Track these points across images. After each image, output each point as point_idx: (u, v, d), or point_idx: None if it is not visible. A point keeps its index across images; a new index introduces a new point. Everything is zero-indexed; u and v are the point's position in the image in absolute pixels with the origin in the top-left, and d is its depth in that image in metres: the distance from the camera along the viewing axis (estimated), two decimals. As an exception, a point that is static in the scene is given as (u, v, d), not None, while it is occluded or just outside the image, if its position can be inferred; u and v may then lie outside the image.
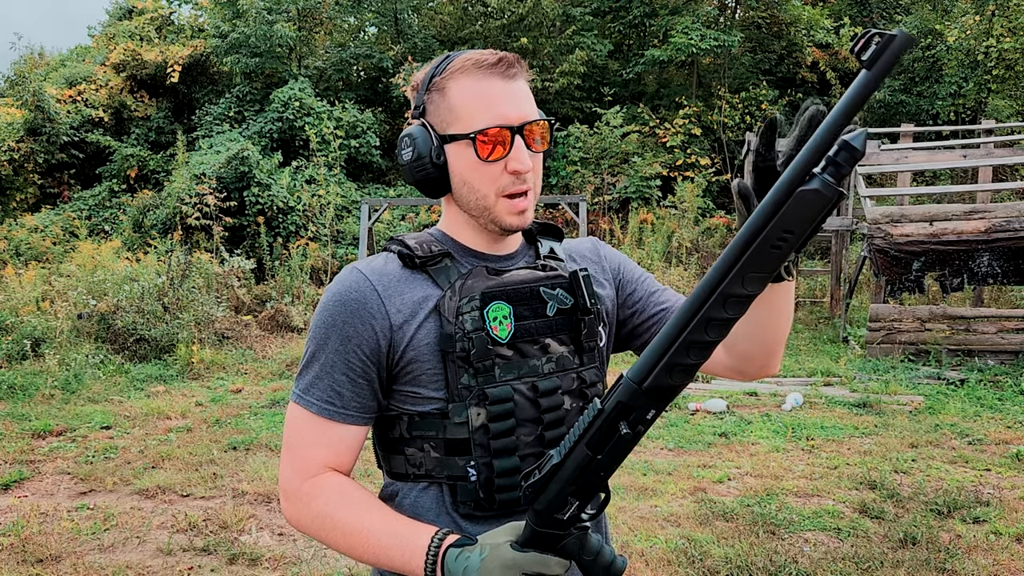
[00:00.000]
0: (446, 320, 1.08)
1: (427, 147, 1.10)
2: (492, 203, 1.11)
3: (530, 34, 16.50)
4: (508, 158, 1.08)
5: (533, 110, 1.11)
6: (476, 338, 1.07)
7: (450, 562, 0.97)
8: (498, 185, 1.09)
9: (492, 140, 1.07)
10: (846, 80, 17.18)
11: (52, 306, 8.79)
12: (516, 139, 1.08)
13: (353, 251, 12.54)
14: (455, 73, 1.09)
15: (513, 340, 1.10)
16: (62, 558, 3.70)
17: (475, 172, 1.09)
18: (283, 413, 6.41)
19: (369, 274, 1.11)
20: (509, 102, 1.08)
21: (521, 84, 1.10)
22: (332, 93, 16.55)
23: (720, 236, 14.01)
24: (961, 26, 14.41)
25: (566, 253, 1.25)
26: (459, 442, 1.08)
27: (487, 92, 1.08)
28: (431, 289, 1.11)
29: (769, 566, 3.48)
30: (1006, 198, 10.68)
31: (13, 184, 14.86)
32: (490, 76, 1.08)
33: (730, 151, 16.03)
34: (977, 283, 8.16)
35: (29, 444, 5.57)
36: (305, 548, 3.83)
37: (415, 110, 1.14)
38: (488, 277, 1.11)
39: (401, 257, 1.13)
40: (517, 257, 1.19)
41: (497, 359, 1.08)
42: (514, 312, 1.10)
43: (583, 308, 1.14)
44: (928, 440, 5.48)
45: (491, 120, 1.07)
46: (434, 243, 1.15)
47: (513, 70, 1.09)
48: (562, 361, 1.13)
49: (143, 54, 16.16)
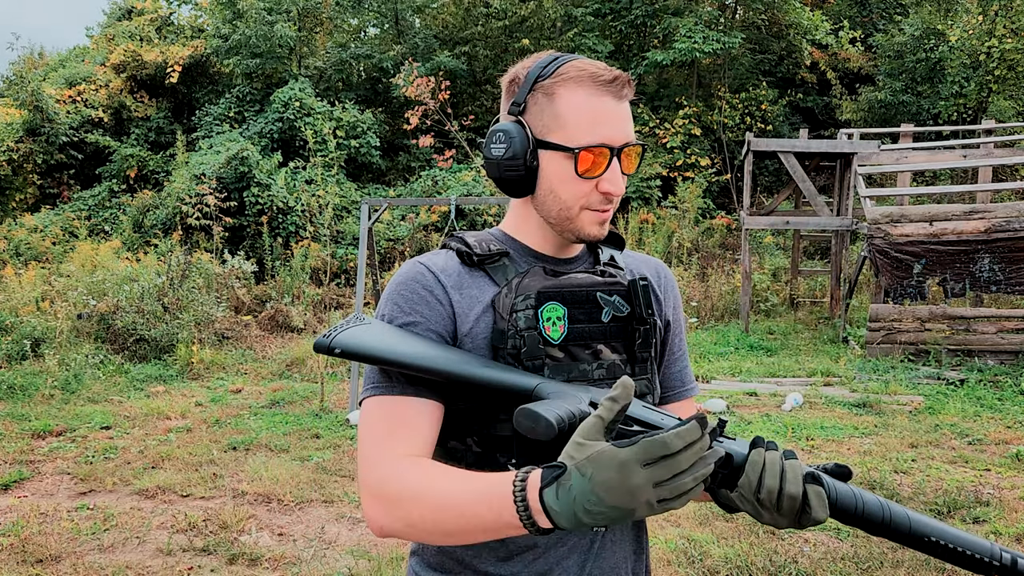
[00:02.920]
0: (500, 316, 1.08)
1: (523, 148, 1.09)
2: (575, 214, 1.11)
3: (532, 35, 16.51)
4: (602, 178, 1.08)
5: (632, 133, 1.11)
6: (528, 336, 1.06)
7: (552, 503, 0.83)
8: (586, 201, 1.10)
9: (593, 158, 1.07)
10: (846, 80, 17.19)
11: (52, 306, 8.79)
12: (614, 160, 1.08)
13: (353, 251, 12.53)
14: (568, 81, 1.08)
15: (565, 342, 1.09)
16: (62, 558, 3.70)
17: (566, 184, 1.09)
18: (283, 413, 6.42)
19: (432, 267, 1.12)
20: (617, 123, 1.08)
21: (627, 106, 1.10)
22: (332, 93, 16.55)
23: (720, 236, 14.02)
24: (964, 26, 14.41)
25: (626, 264, 1.24)
26: (503, 439, 1.06)
27: (598, 109, 1.07)
28: (489, 286, 1.11)
29: (769, 566, 3.48)
30: (1006, 198, 10.67)
31: (12, 184, 14.86)
32: (605, 93, 1.07)
33: (730, 151, 16.03)
34: (979, 290, 8.16)
35: (29, 444, 5.57)
36: (305, 548, 3.83)
37: (515, 105, 1.12)
38: (545, 277, 1.11)
39: (460, 255, 1.14)
40: (578, 262, 1.19)
41: (547, 359, 1.08)
42: (568, 314, 1.09)
43: (639, 318, 1.13)
44: (928, 440, 5.48)
45: (597, 138, 1.06)
46: (493, 242, 1.15)
47: (625, 91, 1.09)
48: (613, 369, 1.12)
49: (143, 54, 16.16)
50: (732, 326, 10.35)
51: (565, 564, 1.10)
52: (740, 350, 9.03)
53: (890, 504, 0.94)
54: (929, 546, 0.92)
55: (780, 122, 16.60)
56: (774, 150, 10.18)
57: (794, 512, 0.92)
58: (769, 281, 12.11)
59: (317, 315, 10.46)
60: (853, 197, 10.15)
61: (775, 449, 0.95)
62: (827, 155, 10.71)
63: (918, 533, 0.92)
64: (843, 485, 0.95)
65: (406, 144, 15.85)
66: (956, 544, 0.92)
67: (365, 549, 3.81)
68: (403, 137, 15.78)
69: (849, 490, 0.94)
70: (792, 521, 0.93)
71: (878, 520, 0.93)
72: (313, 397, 6.93)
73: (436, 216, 13.21)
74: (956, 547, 0.91)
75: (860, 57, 16.75)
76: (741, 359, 8.56)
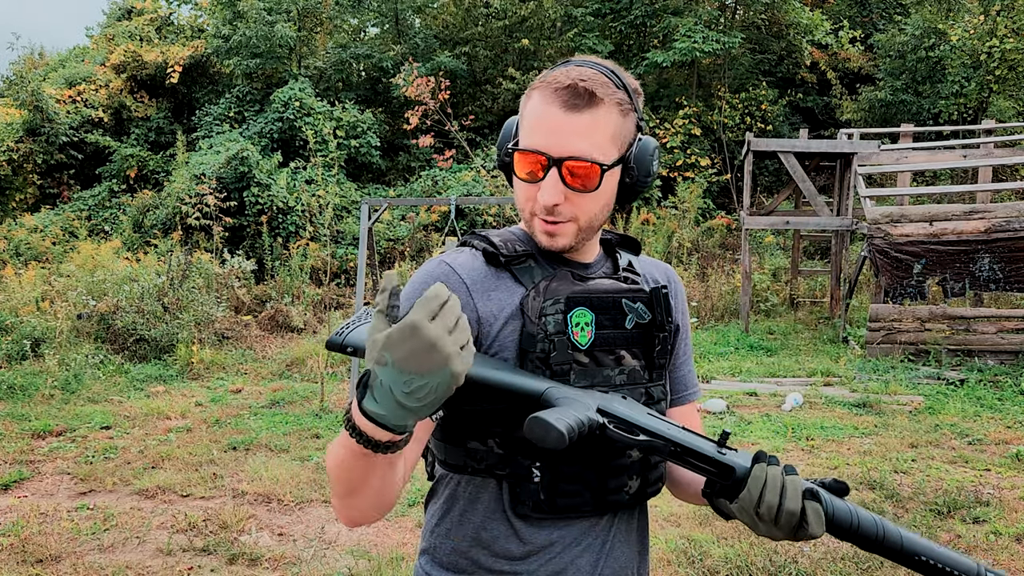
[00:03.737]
0: (529, 320, 1.07)
1: (505, 141, 1.13)
2: (528, 218, 1.12)
3: (532, 35, 16.50)
4: (539, 185, 1.07)
5: (583, 148, 1.04)
6: (558, 341, 1.07)
7: (372, 408, 0.86)
8: (532, 206, 1.10)
9: (527, 163, 1.07)
10: (846, 80, 17.19)
11: (52, 306, 8.78)
12: (552, 171, 1.05)
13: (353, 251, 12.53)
14: (539, 84, 1.09)
15: (592, 348, 1.09)
16: (62, 558, 3.70)
17: (519, 184, 1.11)
18: (283, 413, 6.42)
19: (458, 268, 1.11)
20: (555, 134, 1.04)
21: (585, 119, 1.04)
22: (332, 93, 16.55)
23: (720, 236, 14.02)
24: (964, 26, 14.40)
25: (640, 268, 1.24)
26: (527, 441, 1.04)
27: (541, 115, 1.06)
28: (516, 288, 1.11)
29: (769, 566, 3.48)
30: (1006, 198, 10.67)
31: (12, 184, 14.86)
32: (552, 102, 1.05)
33: (730, 151, 16.03)
34: (979, 288, 8.16)
35: (29, 444, 5.57)
36: (305, 548, 3.83)
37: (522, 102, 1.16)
38: (573, 282, 1.12)
39: (486, 255, 1.13)
40: (595, 267, 1.19)
41: (575, 364, 1.08)
42: (596, 320, 1.10)
43: (659, 325, 1.15)
44: (928, 440, 5.48)
45: (532, 144, 1.06)
46: (518, 243, 1.15)
47: (578, 101, 1.04)
48: (633, 375, 1.13)
49: (143, 55, 16.16)
50: (732, 326, 10.35)
51: (579, 563, 1.11)
52: (740, 350, 9.03)
53: (884, 522, 0.98)
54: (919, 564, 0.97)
55: (780, 122, 16.59)
56: (774, 150, 10.18)
57: (791, 527, 0.96)
58: (769, 281, 12.11)
59: (317, 315, 10.46)
60: (853, 197, 10.15)
61: (776, 464, 0.99)
62: (827, 155, 10.71)
63: (909, 551, 0.97)
64: (840, 502, 0.98)
65: (406, 144, 15.85)
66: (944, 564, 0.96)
67: (365, 549, 3.81)
68: (403, 137, 15.77)
69: (846, 507, 0.98)
70: (789, 535, 0.97)
71: (872, 537, 0.97)
72: (313, 397, 6.93)
73: (436, 216, 13.22)
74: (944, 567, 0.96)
75: (860, 57, 16.75)
76: (741, 359, 8.56)
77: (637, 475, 1.12)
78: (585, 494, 1.08)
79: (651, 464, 1.14)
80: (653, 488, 1.16)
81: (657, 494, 1.18)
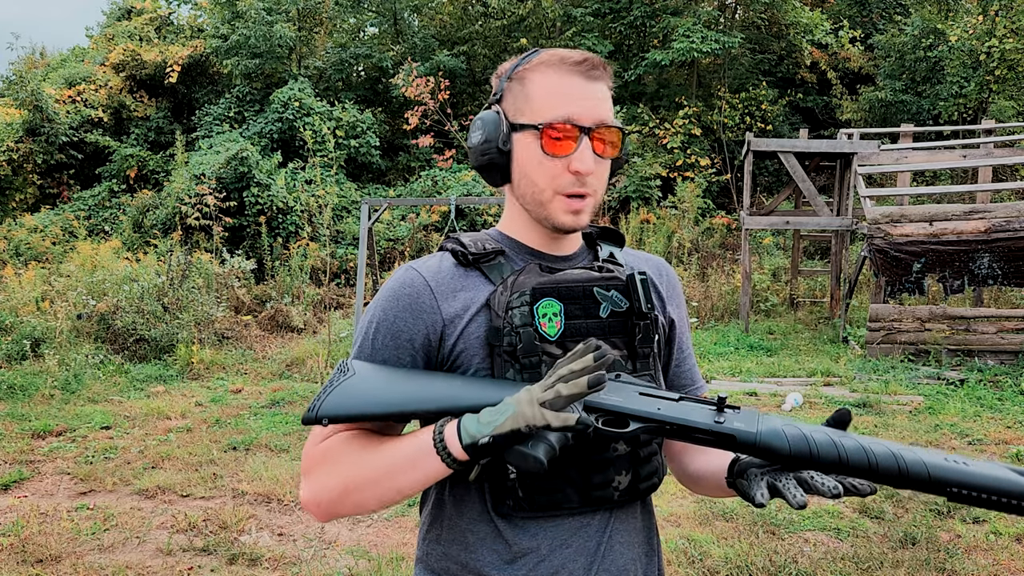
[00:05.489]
0: (495, 314, 1.07)
1: (496, 132, 1.10)
2: (548, 199, 1.10)
3: (530, 35, 16.51)
4: (572, 157, 1.07)
5: (608, 115, 1.09)
6: (524, 333, 1.05)
7: (468, 425, 0.98)
8: (558, 183, 1.08)
9: (559, 135, 1.06)
10: (846, 80, 17.19)
11: (52, 306, 8.78)
12: (583, 139, 1.06)
13: (353, 251, 12.54)
14: (539, 65, 1.10)
15: (562, 338, 1.07)
16: (62, 558, 3.70)
17: (537, 166, 1.09)
18: (282, 413, 6.42)
19: (424, 272, 1.12)
20: (584, 102, 1.07)
21: (602, 87, 1.10)
22: (332, 93, 16.56)
23: (720, 236, 14.02)
24: (964, 26, 14.40)
25: (626, 261, 1.23)
26: None
27: (565, 88, 1.07)
28: (484, 285, 1.11)
29: (769, 566, 3.48)
30: (1006, 198, 10.67)
31: (12, 184, 14.86)
32: (572, 73, 1.08)
33: (730, 151, 16.03)
34: (978, 285, 8.16)
35: (29, 444, 5.57)
36: (305, 548, 3.83)
37: (493, 96, 1.15)
38: (540, 274, 1.11)
39: (455, 255, 1.14)
40: (576, 259, 1.18)
41: (544, 356, 1.06)
42: (565, 310, 1.08)
43: (639, 312, 1.12)
44: (928, 440, 5.48)
45: (563, 115, 1.06)
46: (489, 241, 1.15)
47: (596, 72, 1.08)
48: (614, 365, 1.10)
49: (142, 54, 16.17)
50: (732, 326, 10.35)
51: (571, 567, 1.09)
52: (740, 350, 9.03)
53: (842, 440, 0.94)
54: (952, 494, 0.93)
55: (780, 122, 16.59)
56: (774, 150, 10.18)
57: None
58: (769, 281, 12.11)
59: (317, 315, 10.46)
60: (853, 197, 10.15)
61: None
62: (827, 155, 10.71)
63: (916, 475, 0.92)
64: (794, 431, 0.95)
65: (406, 144, 15.86)
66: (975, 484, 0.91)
67: (365, 549, 3.81)
68: (403, 137, 15.78)
69: (829, 442, 0.94)
70: None
71: (834, 459, 0.93)
72: (313, 397, 6.91)
73: (436, 216, 13.22)
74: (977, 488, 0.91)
75: (860, 57, 16.75)
76: (741, 359, 8.56)
77: (626, 470, 1.09)
78: (567, 490, 1.06)
79: (643, 458, 1.11)
80: (647, 483, 1.12)
81: (654, 490, 1.15)
